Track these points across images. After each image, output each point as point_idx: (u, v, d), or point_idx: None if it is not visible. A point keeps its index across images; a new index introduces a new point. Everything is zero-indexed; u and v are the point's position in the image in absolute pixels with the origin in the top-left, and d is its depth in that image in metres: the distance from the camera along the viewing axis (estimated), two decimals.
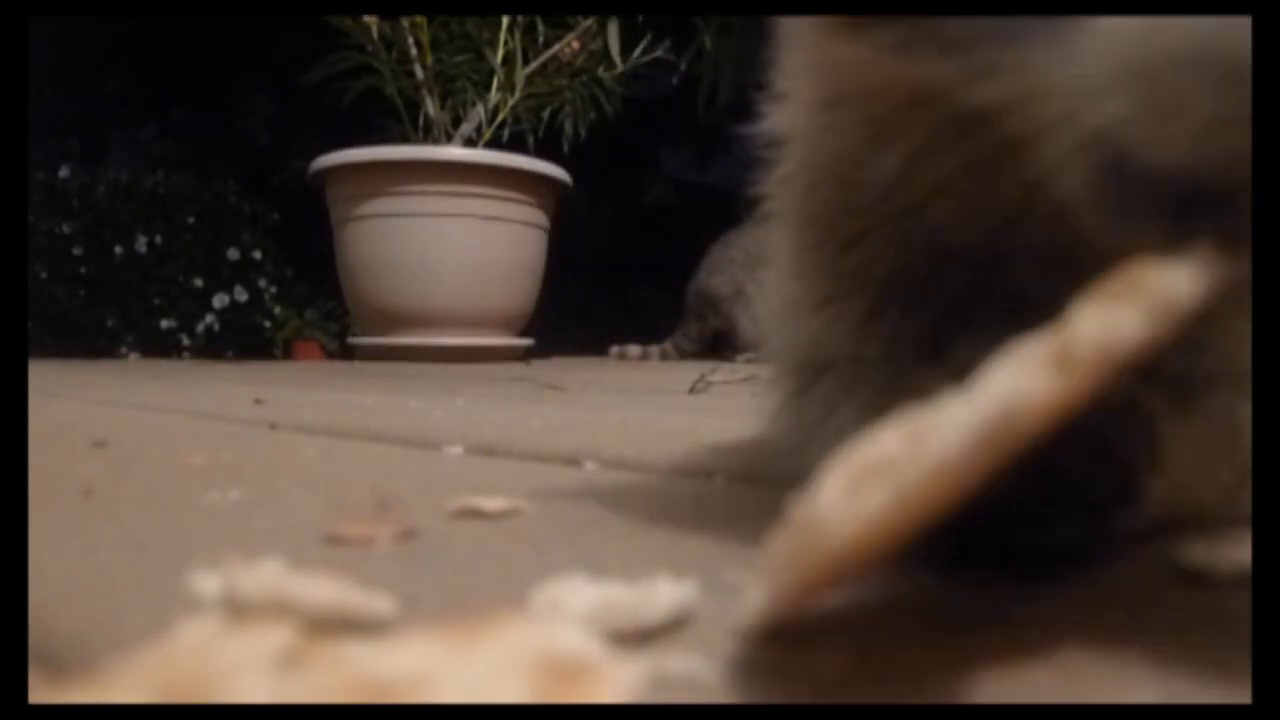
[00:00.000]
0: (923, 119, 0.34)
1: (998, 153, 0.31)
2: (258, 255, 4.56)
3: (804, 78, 0.39)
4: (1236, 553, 0.30)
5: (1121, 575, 0.32)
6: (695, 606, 0.27)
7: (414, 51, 2.92)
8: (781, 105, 0.42)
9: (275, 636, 0.20)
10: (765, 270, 0.51)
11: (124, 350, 4.29)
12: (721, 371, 1.79)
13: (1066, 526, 0.30)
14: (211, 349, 4.38)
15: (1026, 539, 0.30)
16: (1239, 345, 0.36)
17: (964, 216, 0.36)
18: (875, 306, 0.40)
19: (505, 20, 2.93)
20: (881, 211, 0.38)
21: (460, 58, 2.96)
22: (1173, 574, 0.31)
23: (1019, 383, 0.22)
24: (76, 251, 4.27)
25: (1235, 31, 0.24)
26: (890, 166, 0.36)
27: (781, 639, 0.25)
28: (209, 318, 4.45)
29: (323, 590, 0.25)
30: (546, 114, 3.12)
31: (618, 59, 3.01)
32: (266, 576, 0.25)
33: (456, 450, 0.68)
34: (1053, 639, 0.25)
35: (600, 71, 3.06)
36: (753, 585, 0.24)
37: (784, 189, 0.43)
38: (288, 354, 4.41)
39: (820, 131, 0.39)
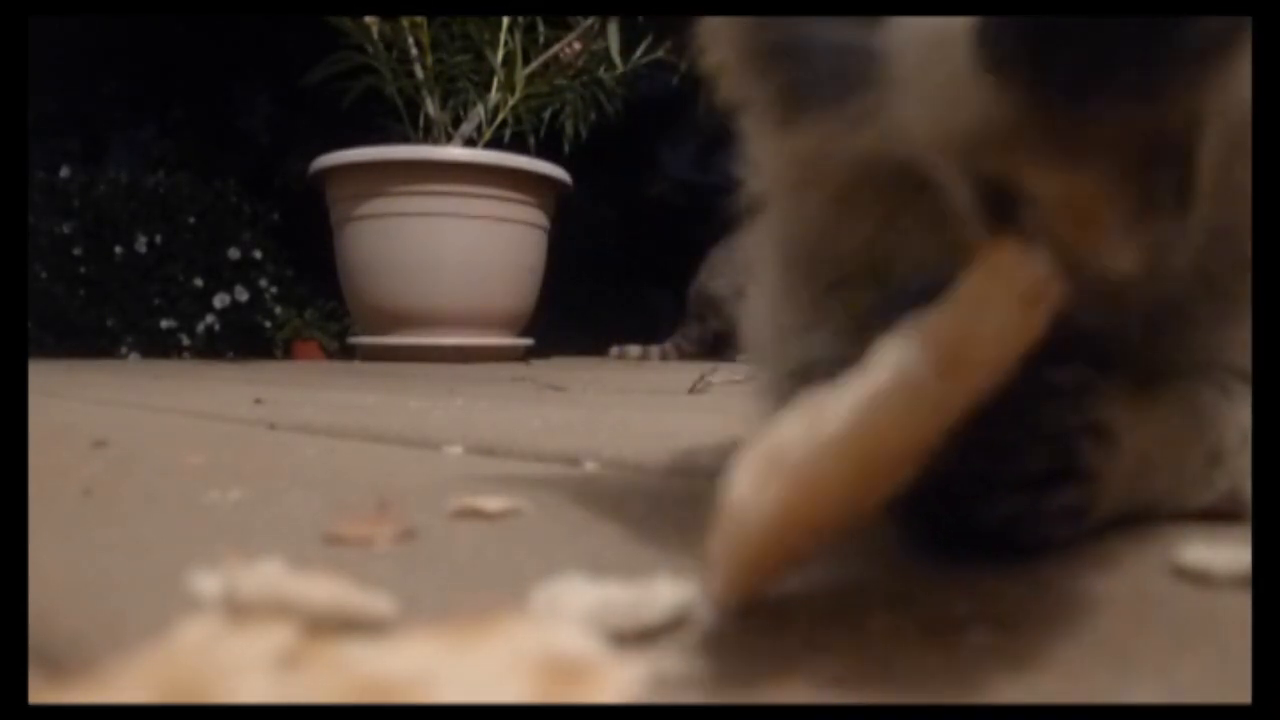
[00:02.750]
0: (880, 191, 0.36)
1: (939, 198, 0.32)
2: (258, 255, 4.57)
3: (767, 163, 0.41)
4: (1236, 553, 0.30)
5: (1121, 575, 0.32)
6: (695, 606, 0.27)
7: (414, 51, 2.93)
8: (755, 175, 0.44)
9: (275, 636, 0.20)
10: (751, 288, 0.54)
11: (124, 350, 4.29)
12: (721, 371, 1.79)
13: (1008, 504, 0.31)
14: (212, 349, 4.38)
15: (976, 518, 0.31)
16: (1202, 334, 0.37)
17: (931, 257, 0.37)
18: (861, 325, 0.42)
19: (505, 20, 2.93)
20: (856, 261, 0.40)
21: (460, 58, 2.96)
22: (1173, 574, 0.31)
23: (901, 360, 0.24)
24: (76, 251, 4.27)
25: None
26: (859, 234, 0.38)
27: (781, 639, 0.25)
28: (209, 318, 4.45)
29: (322, 590, 0.25)
30: (547, 114, 3.12)
31: (618, 60, 3.01)
32: (266, 576, 0.25)
33: (456, 450, 0.68)
34: (1052, 639, 0.25)
35: (601, 72, 3.06)
36: (705, 579, 0.25)
37: (764, 239, 0.47)
38: (288, 354, 4.41)
39: (790, 210, 0.42)
